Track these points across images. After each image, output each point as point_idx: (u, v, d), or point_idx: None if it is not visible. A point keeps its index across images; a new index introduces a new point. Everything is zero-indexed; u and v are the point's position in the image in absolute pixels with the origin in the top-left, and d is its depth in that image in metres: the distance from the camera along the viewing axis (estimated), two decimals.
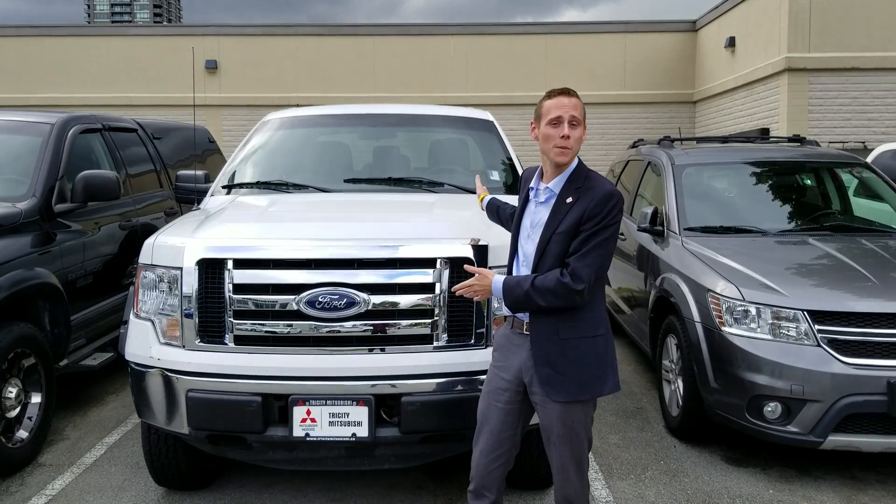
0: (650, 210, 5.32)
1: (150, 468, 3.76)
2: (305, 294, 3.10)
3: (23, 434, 4.23)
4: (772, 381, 3.87)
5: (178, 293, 3.23)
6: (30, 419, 4.30)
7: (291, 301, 3.11)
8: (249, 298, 3.15)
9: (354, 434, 3.10)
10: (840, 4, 12.95)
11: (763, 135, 13.34)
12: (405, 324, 3.16)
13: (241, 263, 3.18)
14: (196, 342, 3.21)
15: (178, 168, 6.39)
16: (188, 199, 4.70)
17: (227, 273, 3.17)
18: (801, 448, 4.08)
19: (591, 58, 17.57)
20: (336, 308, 3.10)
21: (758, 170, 5.86)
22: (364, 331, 3.14)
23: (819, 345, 3.85)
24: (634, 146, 7.30)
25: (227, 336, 3.18)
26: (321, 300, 3.10)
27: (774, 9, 13.46)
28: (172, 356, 3.25)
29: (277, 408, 3.16)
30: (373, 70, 17.73)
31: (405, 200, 4.21)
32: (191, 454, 3.67)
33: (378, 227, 3.53)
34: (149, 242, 3.48)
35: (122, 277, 5.52)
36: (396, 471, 4.00)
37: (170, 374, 3.23)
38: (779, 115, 13.44)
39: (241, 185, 4.55)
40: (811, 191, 5.98)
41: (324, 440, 3.12)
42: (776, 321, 3.96)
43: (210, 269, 3.21)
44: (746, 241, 4.88)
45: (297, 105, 6.70)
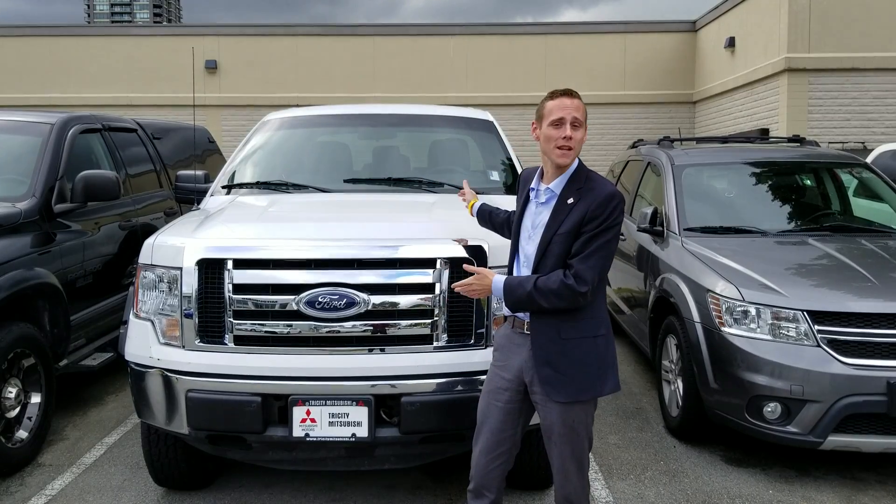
0: (650, 210, 5.33)
1: (150, 468, 3.76)
2: (305, 294, 3.11)
3: (22, 434, 4.23)
4: (771, 382, 3.87)
5: (178, 293, 3.23)
6: (29, 419, 4.30)
7: (291, 301, 3.11)
8: (249, 298, 3.16)
9: (354, 434, 3.10)
10: (840, 4, 12.95)
11: (763, 135, 13.34)
12: (405, 324, 3.16)
13: (241, 263, 3.18)
14: (196, 342, 3.21)
15: (178, 168, 6.39)
16: (188, 199, 4.71)
17: (227, 273, 3.17)
18: (801, 448, 4.08)
19: (591, 58, 17.58)
20: (336, 308, 3.10)
21: (758, 170, 5.86)
22: (364, 331, 3.14)
23: (819, 345, 3.85)
24: (634, 146, 7.30)
25: (227, 336, 3.18)
26: (321, 300, 3.10)
27: (774, 9, 13.46)
28: (172, 356, 3.25)
29: (277, 408, 3.16)
30: (372, 70, 17.73)
31: (405, 200, 4.21)
32: (190, 454, 3.67)
33: (378, 228, 3.53)
34: (148, 242, 3.48)
35: (122, 277, 5.52)
36: (396, 471, 4.00)
37: (169, 375, 3.23)
38: (778, 116, 13.45)
39: (241, 185, 4.55)
40: (811, 191, 5.98)
41: (323, 440, 3.12)
42: (776, 321, 3.96)
43: (210, 269, 3.21)
44: (746, 242, 4.88)
45: (297, 105, 6.70)
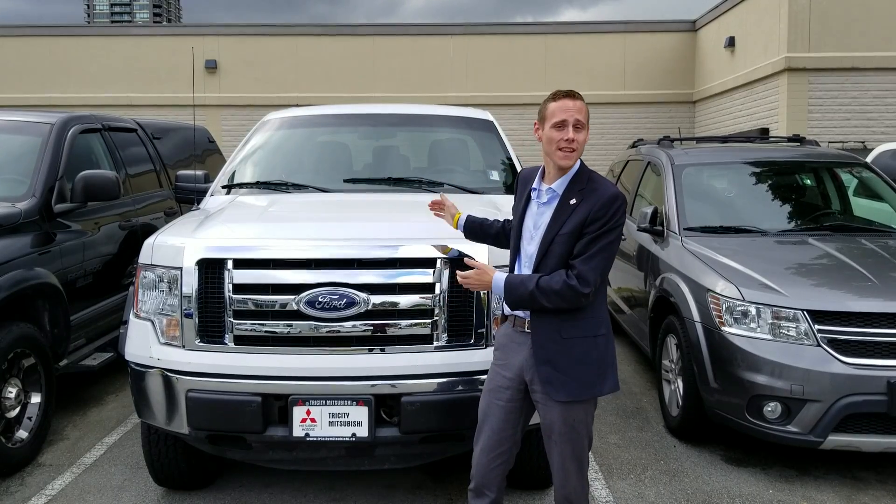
0: (650, 210, 5.33)
1: (150, 468, 3.76)
2: (305, 294, 3.11)
3: (22, 434, 4.23)
4: (772, 381, 3.87)
5: (178, 293, 3.23)
6: (29, 419, 4.30)
7: (291, 301, 3.11)
8: (249, 298, 3.16)
9: (354, 434, 3.10)
10: (840, 4, 12.95)
11: (763, 135, 13.34)
12: (405, 324, 3.16)
13: (241, 263, 3.18)
14: (196, 342, 3.21)
15: (178, 168, 6.39)
16: (188, 199, 4.71)
17: (227, 273, 3.17)
18: (801, 448, 4.08)
19: (591, 58, 17.58)
20: (336, 308, 3.10)
21: (757, 170, 5.86)
22: (364, 331, 3.14)
23: (819, 345, 3.85)
24: (634, 146, 7.30)
25: (227, 336, 3.18)
26: (321, 300, 3.10)
27: (774, 8, 13.46)
28: (172, 356, 3.25)
29: (277, 408, 3.16)
30: (372, 70, 17.73)
31: (405, 200, 4.21)
32: (191, 454, 3.67)
33: (378, 227, 3.53)
34: (148, 242, 3.48)
35: (122, 277, 5.52)
36: (396, 471, 4.00)
37: (170, 374, 3.23)
38: (778, 115, 13.45)
39: (241, 185, 4.55)
40: (811, 191, 5.98)
41: (324, 440, 3.12)
42: (776, 321, 3.96)
43: (210, 269, 3.21)
44: (746, 241, 4.88)
45: (297, 105, 6.69)
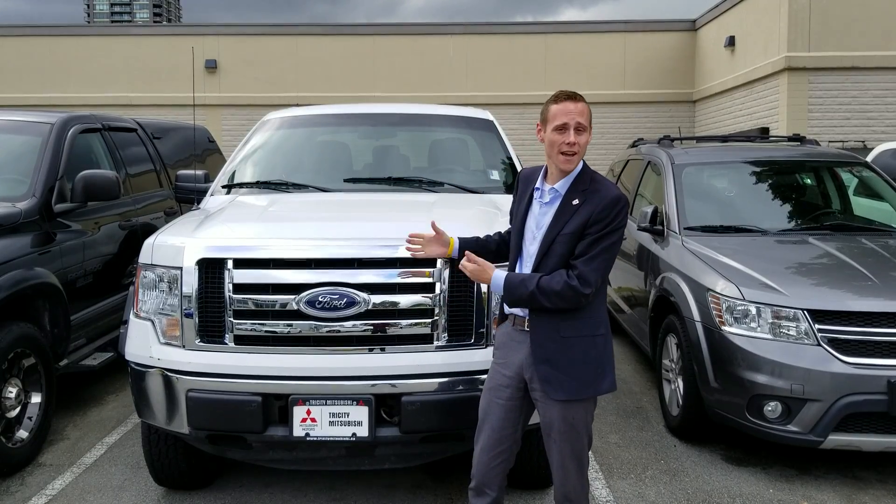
0: (650, 209, 5.32)
1: (150, 468, 3.76)
2: (305, 294, 3.10)
3: (23, 434, 4.23)
4: (772, 381, 3.87)
5: (178, 293, 3.23)
6: (30, 419, 4.30)
7: (291, 301, 3.11)
8: (249, 298, 3.15)
9: (355, 434, 3.10)
10: (840, 4, 12.95)
11: (763, 134, 13.34)
12: (405, 323, 3.16)
13: (241, 263, 3.18)
14: (196, 342, 3.21)
15: (178, 168, 6.39)
16: (188, 199, 4.71)
17: (227, 273, 3.17)
18: (802, 447, 4.08)
19: (591, 57, 17.57)
20: (336, 308, 3.10)
21: (758, 169, 5.85)
22: (364, 330, 3.14)
23: (819, 344, 3.85)
24: (634, 145, 7.30)
25: (227, 336, 3.18)
26: (321, 300, 3.10)
27: (774, 8, 13.46)
28: (172, 356, 3.25)
29: (277, 407, 3.16)
30: (372, 70, 17.73)
31: (405, 200, 4.20)
32: (191, 454, 3.67)
33: (378, 227, 3.53)
34: (149, 242, 3.48)
35: (122, 277, 5.52)
36: (397, 470, 3.99)
37: (170, 374, 3.23)
38: (778, 115, 13.44)
39: (241, 185, 4.55)
40: (811, 190, 5.98)
41: (324, 440, 3.12)
42: (776, 320, 3.96)
43: (210, 269, 3.21)
44: (746, 241, 4.88)
45: (297, 104, 6.69)
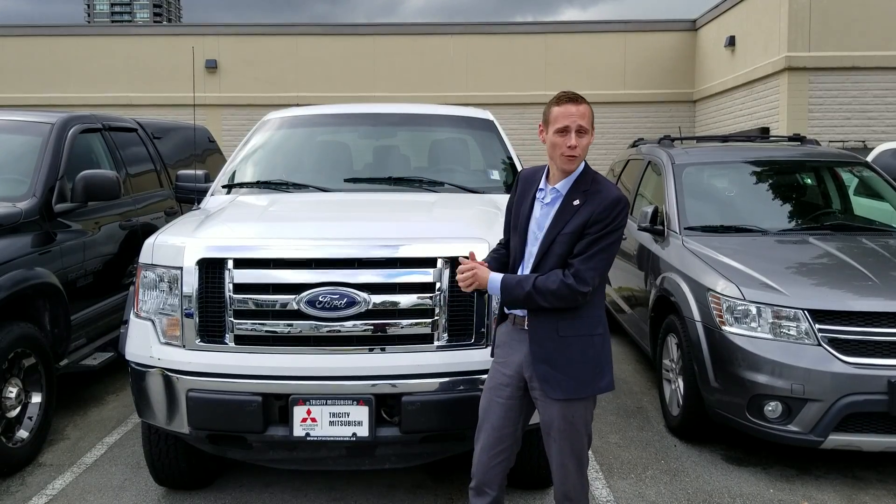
0: (650, 209, 5.32)
1: (151, 468, 3.76)
2: (306, 294, 3.10)
3: (23, 434, 4.23)
4: (772, 381, 3.87)
5: (179, 293, 3.23)
6: (30, 419, 4.30)
7: (292, 301, 3.11)
8: (250, 298, 3.15)
9: (355, 434, 3.10)
10: (840, 3, 12.94)
11: (763, 134, 13.34)
12: (406, 323, 3.16)
13: (242, 263, 3.18)
14: (196, 342, 3.21)
15: (178, 168, 6.39)
16: (188, 199, 4.71)
17: (228, 273, 3.17)
18: (802, 447, 4.08)
19: (591, 57, 17.57)
20: (336, 308, 3.10)
21: (758, 169, 5.85)
22: (364, 330, 3.14)
23: (819, 344, 3.85)
24: (634, 145, 7.30)
25: (228, 336, 3.18)
26: (321, 300, 3.09)
27: (774, 8, 13.45)
28: (173, 356, 3.25)
29: (278, 407, 3.16)
30: (372, 70, 17.72)
31: (405, 200, 4.20)
32: (191, 454, 3.67)
33: (378, 227, 3.53)
34: (149, 242, 3.48)
35: (123, 277, 5.52)
36: (397, 470, 3.99)
37: (170, 374, 3.23)
38: (779, 115, 13.44)
39: (242, 185, 4.55)
40: (811, 190, 5.98)
41: (324, 440, 3.12)
42: (777, 320, 3.96)
43: (210, 269, 3.21)
44: (747, 241, 4.88)
45: (297, 104, 6.69)
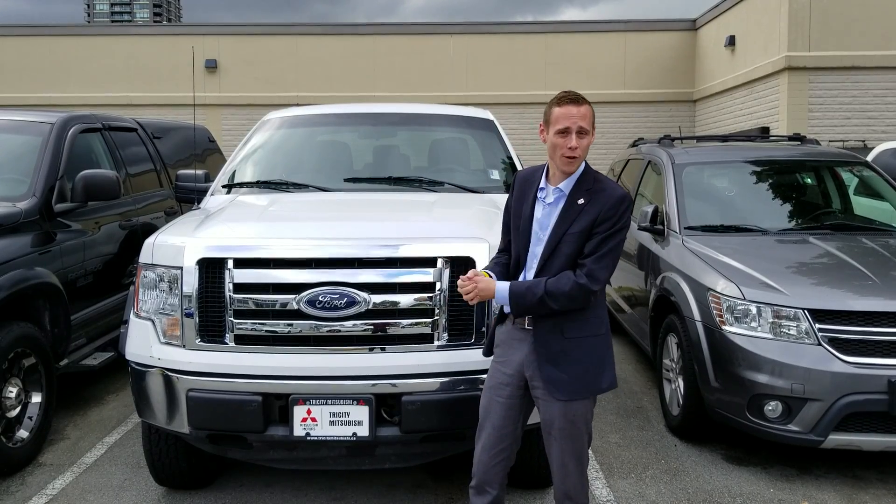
0: (650, 209, 5.32)
1: (151, 468, 3.76)
2: (306, 293, 3.10)
3: (23, 434, 4.23)
4: (772, 380, 3.86)
5: (179, 293, 3.23)
6: (30, 419, 4.30)
7: (292, 300, 3.11)
8: (250, 298, 3.15)
9: (355, 433, 3.10)
10: (840, 3, 12.94)
11: (763, 133, 13.34)
12: (406, 323, 3.16)
13: (242, 263, 3.18)
14: (196, 342, 3.21)
15: (178, 167, 6.39)
16: (188, 199, 4.71)
17: (228, 272, 3.17)
18: (802, 447, 4.08)
19: (591, 57, 17.57)
20: (336, 307, 3.10)
21: (758, 169, 5.85)
22: (364, 330, 3.14)
23: (820, 344, 3.85)
24: (634, 145, 7.30)
25: (228, 335, 3.18)
26: (321, 299, 3.09)
27: (774, 8, 13.45)
28: (173, 356, 3.25)
29: (278, 407, 3.16)
30: (373, 69, 17.72)
31: (405, 200, 4.20)
32: (191, 454, 3.67)
33: (378, 227, 3.53)
34: (149, 242, 3.48)
35: (123, 277, 5.52)
36: (397, 470, 3.99)
37: (170, 374, 3.23)
38: (779, 114, 13.44)
39: (242, 185, 4.55)
40: (811, 189, 5.98)
41: (324, 439, 3.12)
42: (777, 320, 3.96)
43: (210, 269, 3.21)
44: (747, 240, 4.88)
45: (297, 104, 6.69)
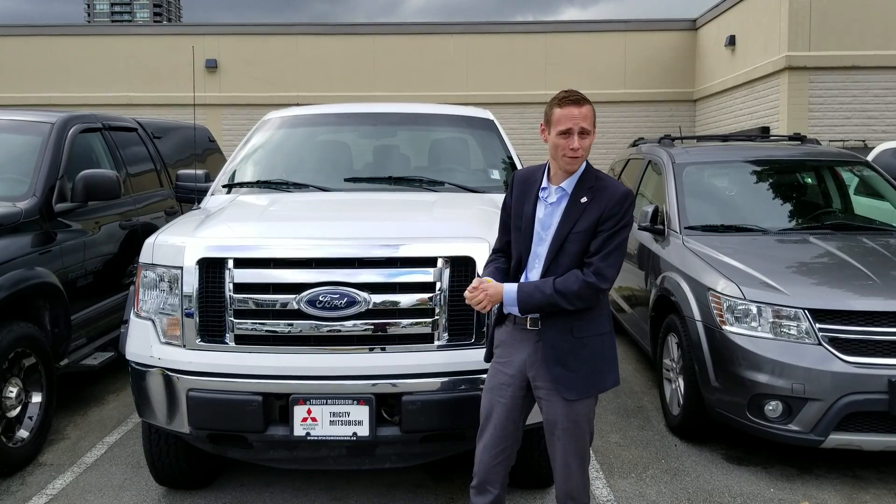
0: (651, 209, 5.32)
1: (151, 467, 3.76)
2: (306, 293, 3.10)
3: (23, 434, 4.23)
4: (773, 380, 3.86)
5: (179, 292, 3.23)
6: (30, 419, 4.30)
7: (292, 300, 3.11)
8: (250, 298, 3.15)
9: (355, 433, 3.10)
10: (840, 3, 12.94)
11: (763, 133, 13.33)
12: (406, 323, 3.16)
13: (242, 263, 3.18)
14: (197, 341, 3.21)
15: (179, 167, 6.38)
16: (188, 199, 4.71)
17: (228, 272, 3.17)
18: (802, 447, 4.08)
19: (592, 57, 17.57)
20: (336, 307, 3.10)
21: (758, 168, 5.85)
22: (365, 330, 3.14)
23: (820, 343, 3.85)
24: (635, 145, 7.30)
25: (228, 335, 3.18)
26: (322, 299, 3.09)
27: (774, 7, 13.45)
28: (173, 356, 3.25)
29: (278, 407, 3.16)
30: (373, 69, 17.72)
31: (405, 199, 4.20)
32: (191, 453, 3.67)
33: (378, 227, 3.53)
34: (149, 242, 3.48)
35: (123, 277, 5.52)
36: (397, 470, 3.99)
37: (170, 374, 3.23)
38: (779, 114, 13.44)
39: (242, 185, 4.55)
40: (812, 189, 5.97)
41: (324, 439, 3.12)
42: (777, 320, 3.96)
43: (210, 269, 3.21)
44: (747, 240, 4.88)
45: (297, 104, 6.69)
